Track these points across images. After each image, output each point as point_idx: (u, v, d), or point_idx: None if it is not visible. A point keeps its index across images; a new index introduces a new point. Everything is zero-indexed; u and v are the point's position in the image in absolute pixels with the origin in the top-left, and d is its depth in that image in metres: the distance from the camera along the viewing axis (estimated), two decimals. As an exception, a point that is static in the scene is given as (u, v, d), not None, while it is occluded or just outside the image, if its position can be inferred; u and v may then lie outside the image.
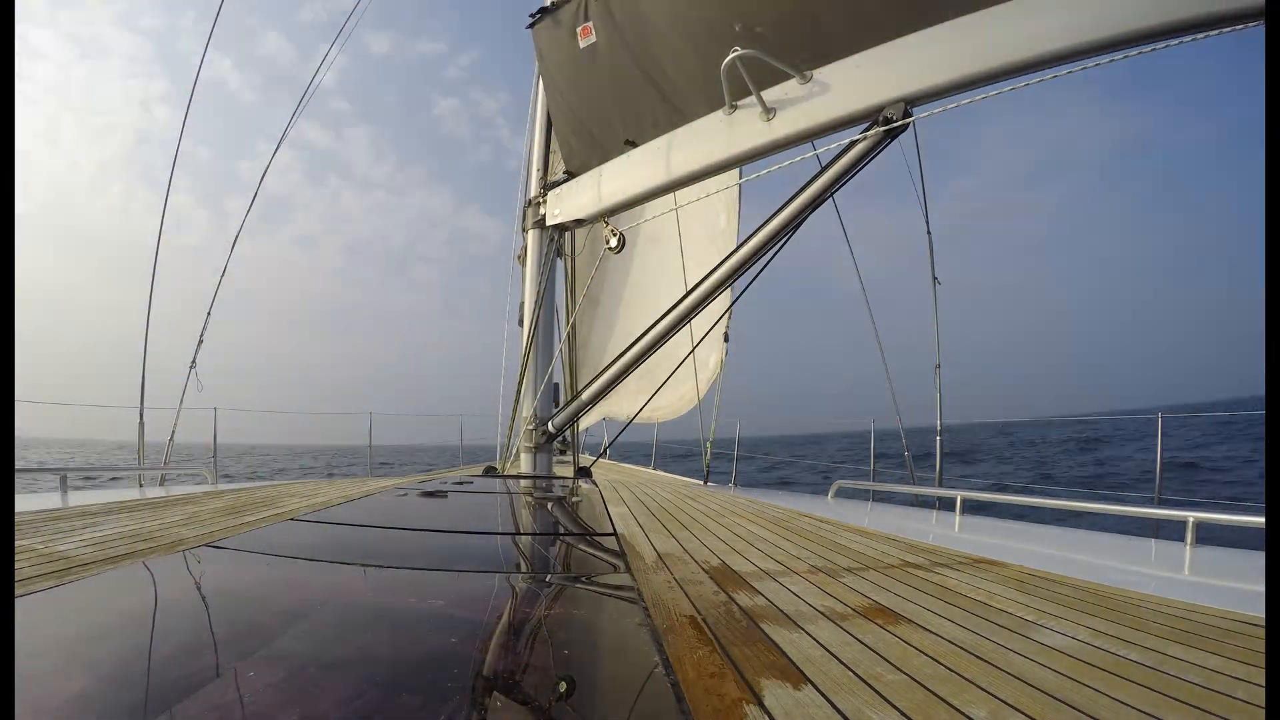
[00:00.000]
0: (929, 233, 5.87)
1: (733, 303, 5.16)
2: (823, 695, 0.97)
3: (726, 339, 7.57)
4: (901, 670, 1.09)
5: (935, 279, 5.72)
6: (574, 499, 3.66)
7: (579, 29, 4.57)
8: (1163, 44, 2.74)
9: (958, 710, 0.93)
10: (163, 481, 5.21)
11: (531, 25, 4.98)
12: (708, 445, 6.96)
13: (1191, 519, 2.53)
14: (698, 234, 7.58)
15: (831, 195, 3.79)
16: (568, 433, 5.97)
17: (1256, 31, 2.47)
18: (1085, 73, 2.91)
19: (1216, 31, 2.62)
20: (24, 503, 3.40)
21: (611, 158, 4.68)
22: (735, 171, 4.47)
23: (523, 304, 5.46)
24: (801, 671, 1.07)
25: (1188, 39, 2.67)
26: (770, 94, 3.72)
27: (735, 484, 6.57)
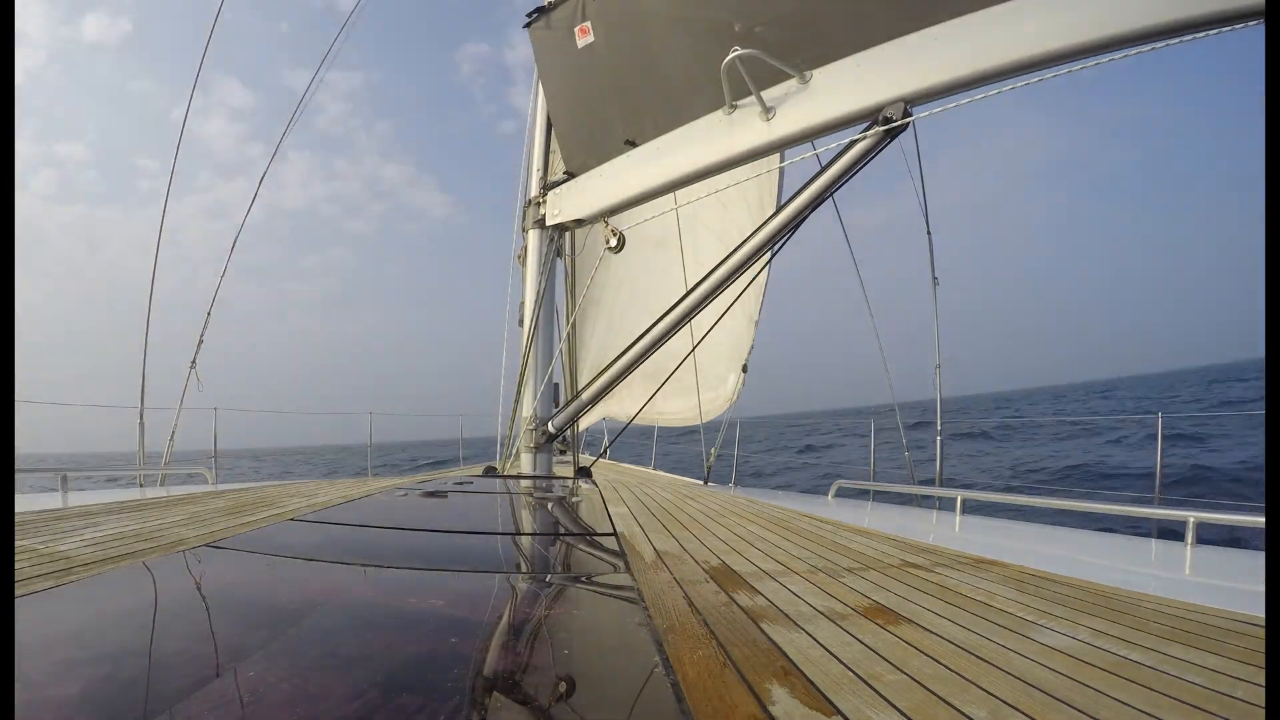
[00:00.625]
0: (929, 233, 5.88)
1: (733, 302, 5.15)
2: (823, 695, 0.97)
3: (745, 369, 7.54)
4: (901, 670, 1.09)
5: (935, 279, 5.72)
6: (574, 499, 3.66)
7: (577, 29, 4.56)
8: (1162, 43, 2.75)
9: (958, 710, 0.93)
10: (163, 481, 5.21)
11: (528, 25, 4.97)
12: (712, 452, 6.94)
13: (1191, 519, 2.53)
14: (712, 241, 7.54)
15: (831, 195, 3.80)
16: (568, 433, 5.97)
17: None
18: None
19: (1216, 31, 2.62)
20: (24, 503, 3.40)
21: (611, 158, 4.68)
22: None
23: (523, 304, 5.46)
24: (801, 671, 1.07)
25: (1188, 38, 2.68)
26: (770, 94, 3.72)
27: (735, 484, 6.57)
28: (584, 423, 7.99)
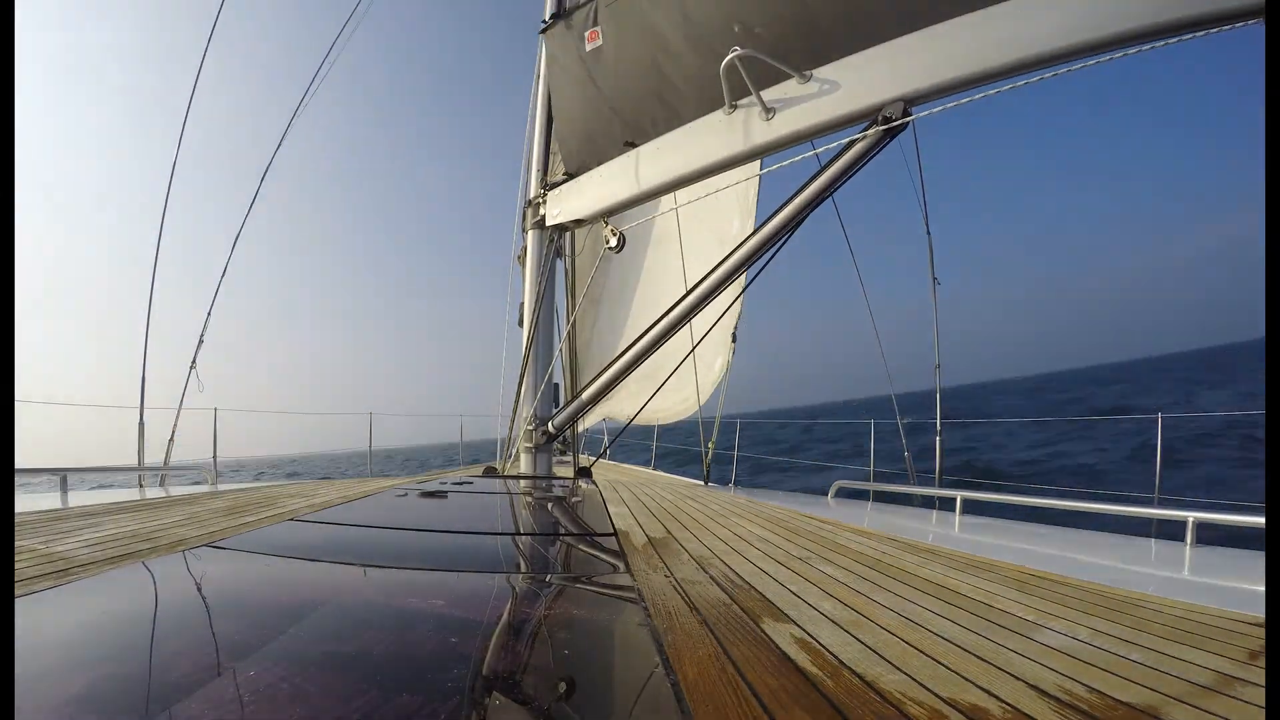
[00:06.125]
0: (928, 233, 5.88)
1: (732, 302, 5.16)
2: (822, 695, 0.97)
3: (734, 339, 7.54)
4: (901, 670, 1.09)
5: (935, 279, 5.72)
6: (574, 499, 3.65)
7: (587, 33, 4.62)
8: (1162, 43, 2.75)
9: (958, 710, 0.93)
10: (163, 482, 5.22)
11: (544, 31, 5.05)
12: (709, 447, 6.95)
13: (1191, 519, 2.53)
14: (706, 237, 7.55)
15: (831, 195, 3.80)
16: (568, 433, 5.97)
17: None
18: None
19: (1216, 30, 2.62)
20: (24, 503, 3.40)
21: (611, 158, 4.69)
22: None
23: (523, 304, 5.47)
24: (801, 671, 1.07)
25: (1187, 37, 2.68)
26: (770, 94, 3.72)
27: (735, 484, 6.57)
28: (584, 423, 7.98)
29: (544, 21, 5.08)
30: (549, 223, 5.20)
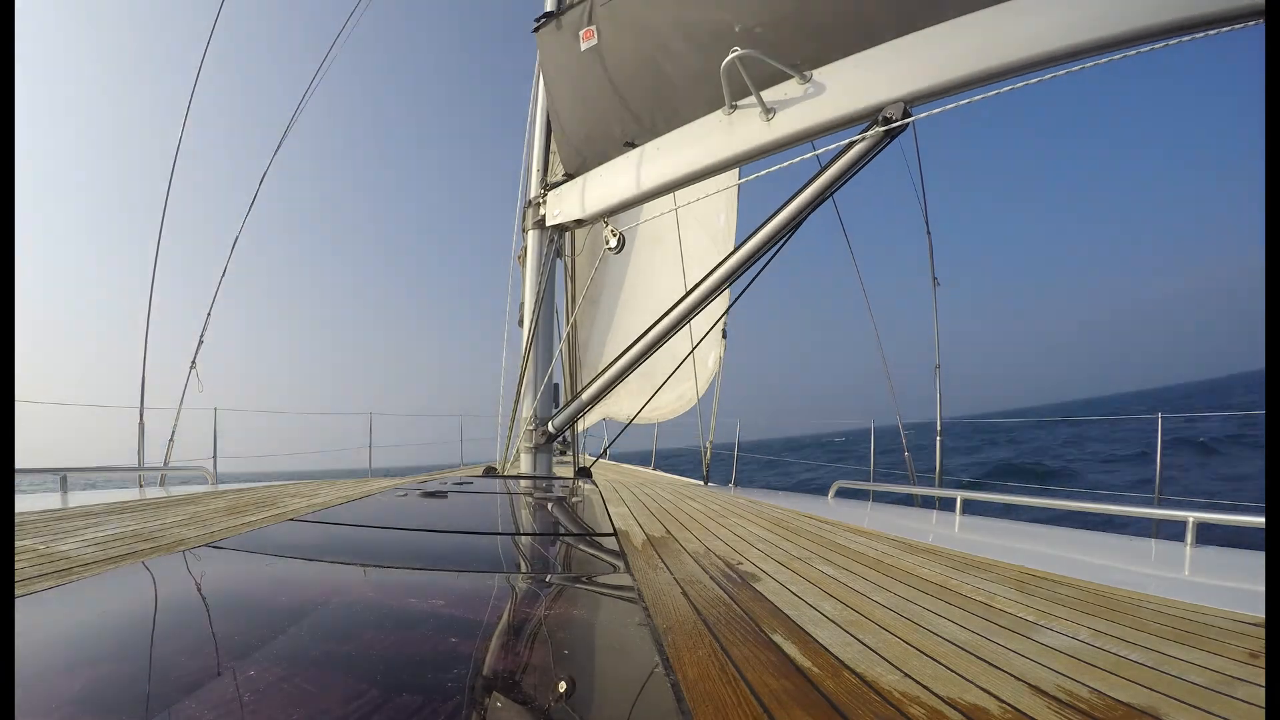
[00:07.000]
0: (928, 233, 5.89)
1: (732, 302, 5.17)
2: (822, 695, 0.97)
3: (725, 335, 7.56)
4: (901, 670, 1.09)
5: (935, 279, 5.73)
6: (574, 499, 3.66)
7: (581, 32, 4.60)
8: (1161, 43, 2.75)
9: (958, 711, 0.93)
10: (163, 482, 5.22)
11: (536, 29, 5.01)
12: (708, 446, 6.95)
13: (1191, 519, 2.53)
14: (698, 234, 7.58)
15: (831, 195, 3.80)
16: (568, 433, 5.98)
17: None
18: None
19: (1216, 30, 2.62)
20: (24, 503, 3.40)
21: (611, 158, 4.69)
22: (735, 171, 4.48)
23: (523, 304, 5.47)
24: (801, 671, 1.07)
25: (1187, 38, 2.68)
26: (770, 94, 3.72)
27: (735, 484, 6.57)
28: (584, 423, 7.98)
29: (536, 21, 5.05)
30: (549, 223, 5.20)
